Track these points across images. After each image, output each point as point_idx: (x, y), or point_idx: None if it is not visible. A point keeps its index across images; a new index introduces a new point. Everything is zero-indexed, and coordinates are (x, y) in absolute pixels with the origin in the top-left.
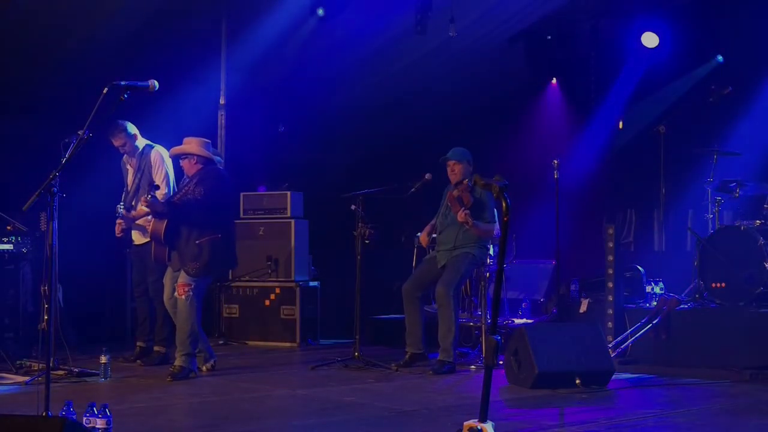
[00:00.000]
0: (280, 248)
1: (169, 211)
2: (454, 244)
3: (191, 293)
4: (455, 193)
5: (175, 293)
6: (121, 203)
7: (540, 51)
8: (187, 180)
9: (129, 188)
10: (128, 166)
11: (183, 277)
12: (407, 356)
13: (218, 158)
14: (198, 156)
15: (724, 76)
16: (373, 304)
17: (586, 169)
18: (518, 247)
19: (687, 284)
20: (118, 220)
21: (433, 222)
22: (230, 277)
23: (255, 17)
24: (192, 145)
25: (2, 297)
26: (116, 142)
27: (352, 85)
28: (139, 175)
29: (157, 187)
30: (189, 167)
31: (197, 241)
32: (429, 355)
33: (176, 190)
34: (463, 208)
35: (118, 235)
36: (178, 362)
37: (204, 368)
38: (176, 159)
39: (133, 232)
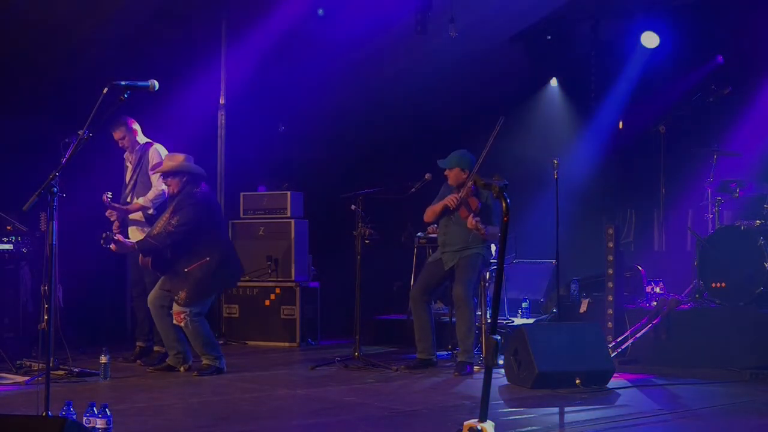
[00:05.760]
0: (280, 248)
1: (147, 249)
2: (464, 244)
3: (188, 318)
4: (460, 195)
5: (174, 320)
6: (108, 193)
7: (540, 51)
8: (168, 201)
9: (126, 184)
10: (127, 163)
11: (176, 306)
12: (417, 361)
13: (200, 168)
14: (171, 173)
15: (724, 76)
16: (373, 304)
17: (586, 169)
18: (518, 247)
19: (687, 284)
20: (108, 211)
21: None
22: None
23: (255, 17)
24: (172, 161)
25: (2, 297)
26: (116, 135)
27: (352, 85)
28: (136, 172)
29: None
30: (172, 185)
31: (186, 269)
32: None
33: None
34: (472, 215)
35: (116, 229)
36: (205, 362)
37: (181, 369)
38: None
39: (129, 229)
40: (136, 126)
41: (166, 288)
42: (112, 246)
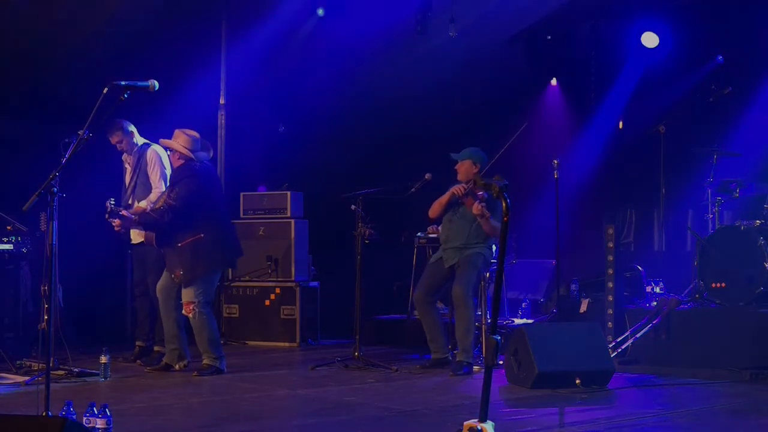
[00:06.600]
0: (280, 248)
1: (149, 223)
2: (465, 241)
3: (197, 309)
4: (468, 186)
5: (183, 311)
6: (111, 199)
7: (540, 51)
8: (171, 177)
9: (126, 186)
10: (126, 165)
11: (185, 295)
12: (432, 361)
13: (204, 154)
14: (178, 151)
15: (724, 76)
16: (373, 304)
17: (586, 169)
18: (518, 247)
19: (687, 284)
20: (116, 221)
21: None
22: (230, 277)
23: (255, 17)
24: (176, 139)
25: (2, 297)
26: (113, 139)
27: (352, 85)
28: (136, 174)
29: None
30: (173, 160)
31: (179, 244)
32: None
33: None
34: (477, 201)
35: (118, 230)
36: (205, 361)
37: (177, 366)
38: None
39: (132, 230)
40: (132, 128)
41: (169, 271)
42: (117, 221)
